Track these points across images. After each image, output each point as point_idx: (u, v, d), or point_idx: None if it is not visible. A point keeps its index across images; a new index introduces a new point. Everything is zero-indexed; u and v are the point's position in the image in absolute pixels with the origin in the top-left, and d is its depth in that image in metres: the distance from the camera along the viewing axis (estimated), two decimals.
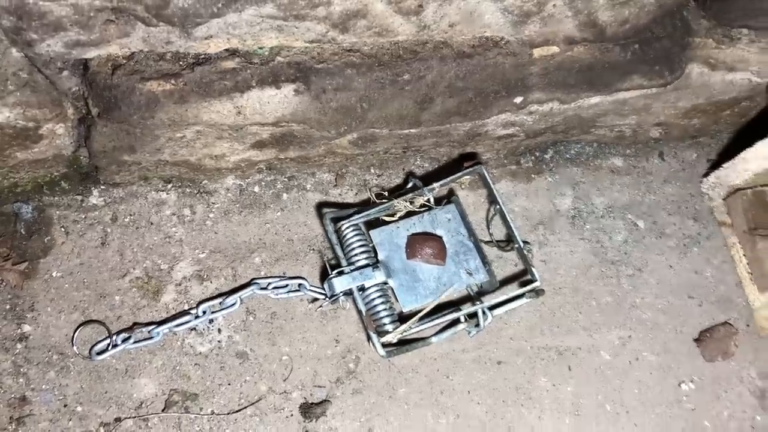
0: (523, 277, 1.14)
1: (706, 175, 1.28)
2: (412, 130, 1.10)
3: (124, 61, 0.91)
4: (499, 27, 0.94)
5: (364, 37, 0.90)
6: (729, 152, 1.26)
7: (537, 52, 1.01)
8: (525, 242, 1.15)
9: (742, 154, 1.17)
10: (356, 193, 1.18)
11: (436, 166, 1.22)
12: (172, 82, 0.91)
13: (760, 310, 1.18)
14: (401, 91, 1.00)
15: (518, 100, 1.09)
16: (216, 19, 0.83)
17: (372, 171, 1.18)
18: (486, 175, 1.12)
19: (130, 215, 1.10)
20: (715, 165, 1.27)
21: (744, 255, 1.20)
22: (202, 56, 0.91)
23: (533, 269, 1.08)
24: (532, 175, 1.24)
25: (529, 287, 1.07)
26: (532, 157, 1.25)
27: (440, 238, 1.09)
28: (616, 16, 0.95)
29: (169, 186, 1.12)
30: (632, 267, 1.20)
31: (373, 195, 1.12)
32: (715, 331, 1.18)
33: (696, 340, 1.17)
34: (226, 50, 0.92)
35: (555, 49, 1.01)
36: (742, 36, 1.09)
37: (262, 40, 0.89)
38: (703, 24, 1.09)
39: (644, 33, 1.03)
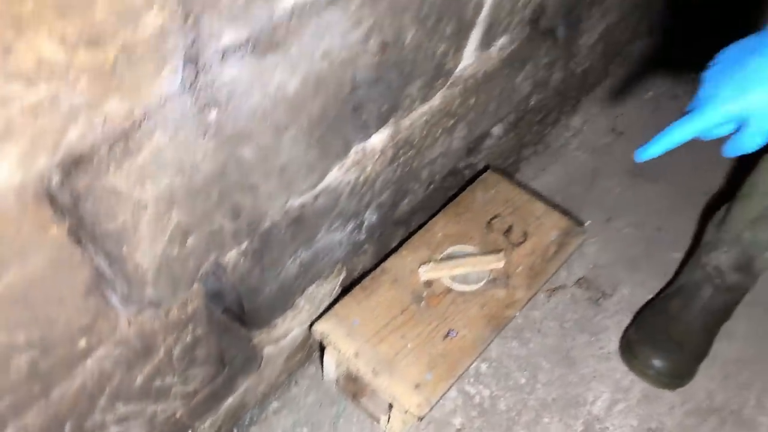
0: None
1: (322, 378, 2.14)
2: None
3: None
4: None
5: None
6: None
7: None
8: None
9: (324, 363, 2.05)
10: None
11: None
12: None
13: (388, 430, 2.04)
14: None
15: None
16: None
17: None
18: None
19: None
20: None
21: (362, 409, 2.07)
22: None
23: None
24: None
25: None
26: None
27: None
28: (192, 387, 1.77)
29: None
30: None
31: None
32: None
33: None
34: None
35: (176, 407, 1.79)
36: (277, 323, 1.98)
37: None
38: (253, 331, 1.96)
39: (222, 367, 1.87)
